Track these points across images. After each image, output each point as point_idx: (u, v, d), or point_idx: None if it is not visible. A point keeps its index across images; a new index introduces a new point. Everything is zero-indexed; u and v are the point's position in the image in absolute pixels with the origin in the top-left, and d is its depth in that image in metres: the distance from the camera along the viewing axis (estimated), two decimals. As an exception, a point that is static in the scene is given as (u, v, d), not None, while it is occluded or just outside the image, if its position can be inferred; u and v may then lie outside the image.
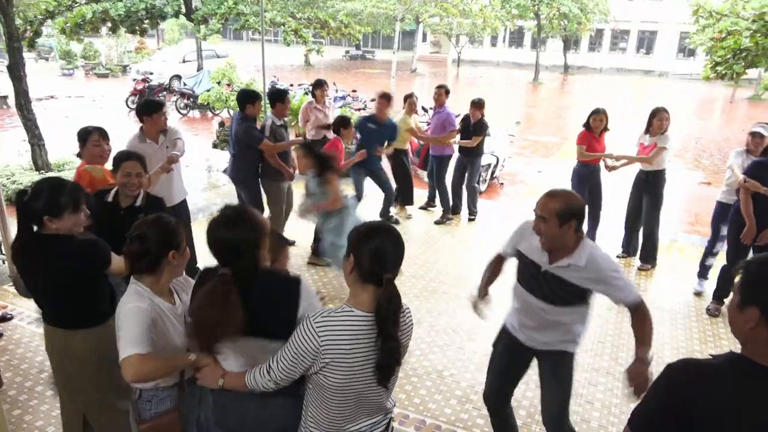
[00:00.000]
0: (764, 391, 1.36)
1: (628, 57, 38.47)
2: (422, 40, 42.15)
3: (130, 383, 2.00)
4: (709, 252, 5.37)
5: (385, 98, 6.42)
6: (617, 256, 6.03)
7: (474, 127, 6.83)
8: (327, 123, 6.78)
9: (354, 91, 15.02)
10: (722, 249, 5.34)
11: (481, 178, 8.60)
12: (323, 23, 17.36)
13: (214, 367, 2.02)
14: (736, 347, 1.46)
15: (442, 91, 6.98)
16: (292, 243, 5.74)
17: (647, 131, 5.64)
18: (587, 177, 6.02)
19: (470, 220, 7.16)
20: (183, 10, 13.53)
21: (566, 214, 2.36)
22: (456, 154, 7.23)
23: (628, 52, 38.73)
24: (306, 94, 13.35)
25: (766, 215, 4.41)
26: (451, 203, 7.21)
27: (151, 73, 18.14)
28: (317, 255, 5.55)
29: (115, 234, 2.42)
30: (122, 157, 3.20)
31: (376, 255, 1.81)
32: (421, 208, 7.49)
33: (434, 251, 6.18)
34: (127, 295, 2.08)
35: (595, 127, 5.86)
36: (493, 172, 9.07)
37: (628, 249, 6.06)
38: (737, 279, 1.46)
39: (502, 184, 9.43)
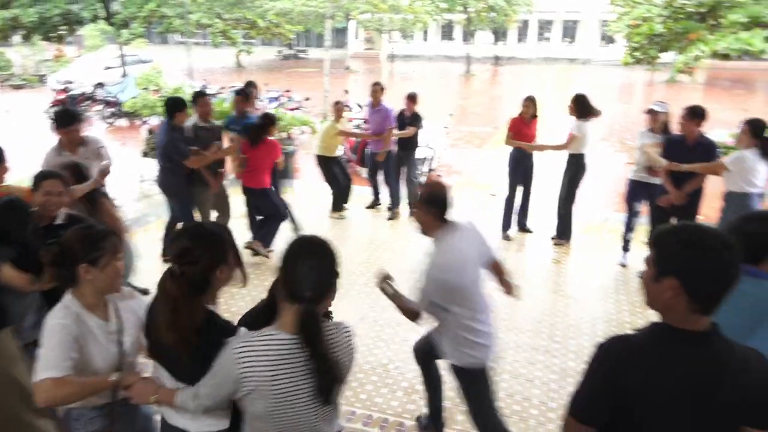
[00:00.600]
0: (687, 353, 1.43)
1: (553, 46, 39.95)
2: (355, 37, 42.19)
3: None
4: (628, 228, 5.69)
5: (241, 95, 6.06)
6: (552, 238, 6.31)
7: (409, 119, 6.96)
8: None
9: (287, 90, 14.84)
10: (640, 224, 5.69)
11: (418, 171, 8.73)
12: (252, 23, 17.15)
13: (146, 383, 1.94)
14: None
15: (377, 89, 6.96)
16: None
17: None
18: (520, 161, 6.24)
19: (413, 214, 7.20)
20: (101, 14, 12.96)
21: (428, 202, 2.65)
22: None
23: (554, 42, 40.23)
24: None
25: (680, 183, 4.89)
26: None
27: (72, 82, 17.25)
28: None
29: (32, 253, 2.31)
30: (42, 176, 3.02)
31: (298, 273, 1.71)
32: (368, 207, 7.44)
33: (376, 247, 6.22)
34: (56, 308, 1.99)
35: (524, 113, 6.08)
36: (430, 164, 9.21)
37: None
38: (647, 252, 1.53)
39: (439, 175, 9.57)
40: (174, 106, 5.13)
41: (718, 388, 1.42)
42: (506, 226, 6.42)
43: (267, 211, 5.70)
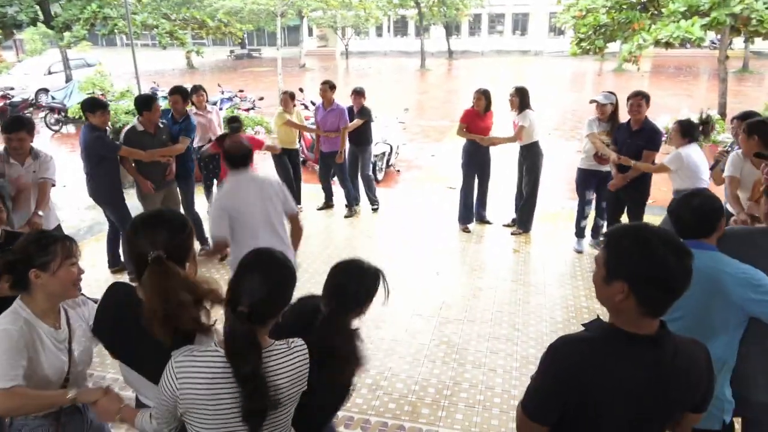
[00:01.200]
0: (638, 357, 1.46)
1: (505, 39, 40.59)
2: (308, 35, 41.80)
3: None
4: (581, 215, 5.83)
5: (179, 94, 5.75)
6: (504, 225, 6.49)
7: (358, 114, 6.87)
8: (211, 128, 6.53)
9: (241, 91, 14.59)
10: (591, 210, 5.85)
11: (377, 167, 8.72)
12: (201, 23, 16.70)
13: (110, 400, 1.85)
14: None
15: (326, 87, 6.73)
16: None
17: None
18: (474, 153, 6.28)
19: (374, 210, 7.18)
20: (41, 17, 12.40)
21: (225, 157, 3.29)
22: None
23: (506, 35, 40.88)
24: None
25: (625, 168, 5.06)
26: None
27: (12, 88, 16.51)
28: None
29: None
30: None
31: (239, 285, 1.63)
32: (319, 209, 7.25)
33: (336, 245, 6.19)
34: (3, 313, 1.91)
35: (476, 105, 6.13)
36: (388, 160, 9.22)
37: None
38: (598, 252, 1.56)
39: (398, 171, 9.60)
40: (88, 107, 4.83)
41: (669, 387, 1.47)
42: (464, 218, 6.46)
43: None
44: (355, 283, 2.03)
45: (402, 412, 3.50)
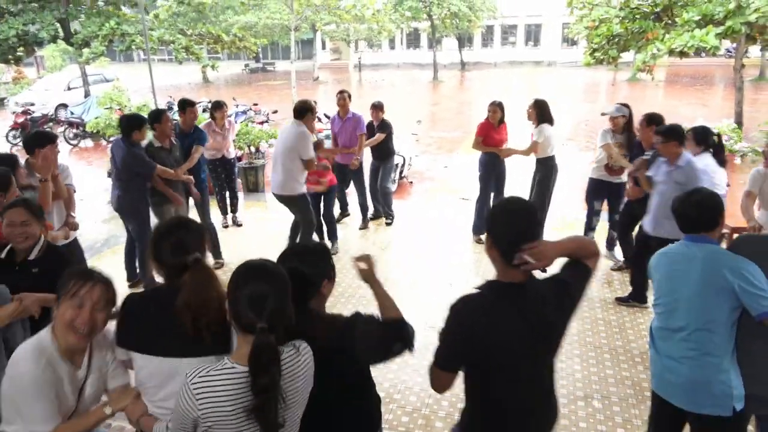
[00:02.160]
0: (515, 300, 1.80)
1: (518, 50, 40.60)
2: (322, 48, 42.27)
3: None
4: (588, 226, 5.76)
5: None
6: None
7: (378, 127, 6.90)
8: (225, 146, 6.65)
9: (255, 104, 14.76)
10: (599, 223, 5.78)
11: (390, 179, 8.75)
12: (216, 38, 17.02)
13: (136, 404, 1.96)
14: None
15: (345, 95, 6.74)
16: None
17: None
18: (492, 166, 6.29)
19: (387, 224, 7.17)
20: (61, 34, 12.70)
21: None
22: (369, 159, 7.24)
23: (518, 46, 40.90)
24: (204, 111, 12.96)
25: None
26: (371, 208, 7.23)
27: (33, 104, 16.83)
28: None
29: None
30: (5, 206, 2.75)
31: (249, 302, 1.62)
32: (336, 220, 7.31)
33: (349, 258, 6.18)
34: (28, 346, 1.87)
35: (491, 117, 6.14)
36: (401, 172, 9.23)
37: None
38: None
39: (411, 182, 9.61)
40: (131, 123, 4.91)
41: (545, 322, 1.83)
42: (478, 229, 6.44)
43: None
44: (308, 266, 1.95)
45: (415, 425, 3.47)
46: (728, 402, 2.20)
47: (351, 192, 7.39)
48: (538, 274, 1.90)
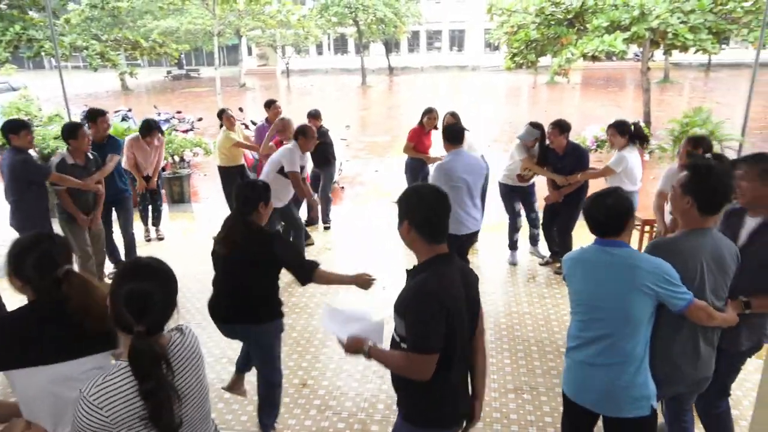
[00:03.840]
0: (454, 269, 2.04)
1: (443, 55, 41.61)
2: (248, 54, 41.50)
3: None
4: (513, 229, 5.99)
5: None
6: None
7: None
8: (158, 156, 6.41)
9: (179, 112, 14.26)
10: (524, 221, 6.02)
11: (331, 185, 8.70)
12: (134, 44, 16.26)
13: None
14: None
15: (277, 109, 6.76)
16: None
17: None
18: (419, 169, 6.43)
19: (326, 228, 7.17)
20: (-43, 40, 11.79)
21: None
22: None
23: (443, 51, 41.92)
24: (123, 120, 12.39)
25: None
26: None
27: (-72, 116, 15.46)
28: None
29: None
30: None
31: (129, 301, 1.57)
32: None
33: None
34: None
35: (427, 125, 6.29)
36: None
37: None
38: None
39: (342, 187, 9.60)
40: (5, 129, 4.55)
41: (472, 290, 2.10)
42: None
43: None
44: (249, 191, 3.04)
45: (351, 431, 3.46)
46: (647, 402, 2.26)
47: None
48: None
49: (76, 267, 4.77)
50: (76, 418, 1.55)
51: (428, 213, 2.00)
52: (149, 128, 6.14)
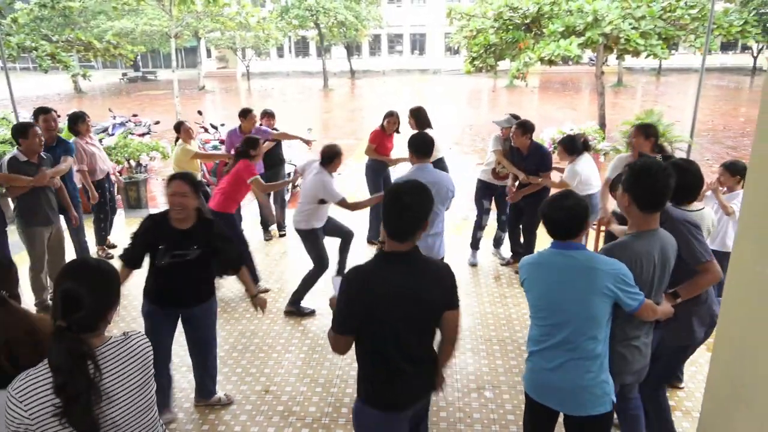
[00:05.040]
0: (399, 268, 2.10)
1: (405, 58, 41.88)
2: (207, 56, 40.81)
3: None
4: (478, 226, 6.05)
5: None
6: None
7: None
8: (102, 158, 6.17)
9: (135, 115, 13.89)
10: (490, 221, 6.11)
11: (286, 188, 8.61)
12: (87, 45, 15.72)
13: None
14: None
15: (254, 116, 6.57)
16: None
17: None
18: (379, 171, 6.44)
19: (281, 235, 7.07)
20: None
21: None
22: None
23: (405, 54, 42.18)
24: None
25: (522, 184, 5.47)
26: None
27: None
28: None
29: None
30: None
31: (60, 297, 1.63)
32: (266, 239, 6.98)
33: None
34: None
35: (388, 128, 6.31)
36: (293, 182, 9.10)
37: None
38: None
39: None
40: None
41: (422, 289, 2.10)
42: (373, 233, 6.53)
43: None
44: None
45: (315, 436, 3.43)
46: (609, 398, 2.33)
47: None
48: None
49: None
50: (5, 416, 1.57)
51: (386, 209, 2.12)
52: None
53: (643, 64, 32.58)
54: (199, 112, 12.33)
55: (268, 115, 6.95)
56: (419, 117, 6.17)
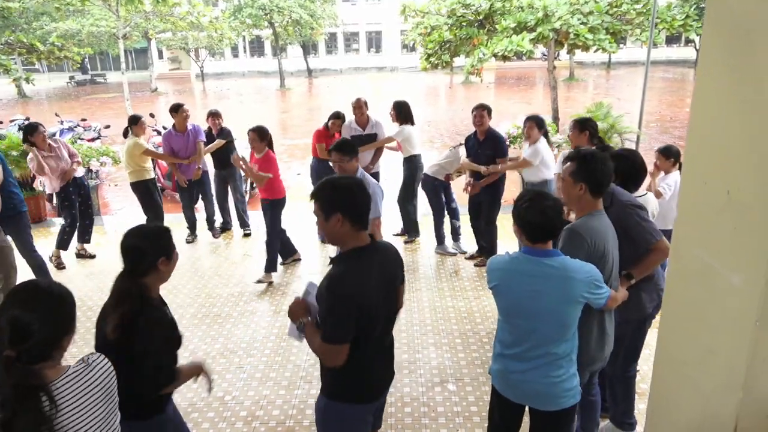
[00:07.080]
0: (370, 259, 2.15)
1: (361, 56, 41.82)
2: (159, 57, 39.81)
3: None
4: (440, 221, 6.14)
5: None
6: (394, 235, 6.73)
7: (217, 135, 6.86)
8: (65, 162, 5.92)
9: (84, 119, 13.43)
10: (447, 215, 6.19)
11: (244, 189, 8.49)
12: (29, 47, 15.12)
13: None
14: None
15: (186, 113, 6.49)
16: None
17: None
18: (325, 171, 6.40)
19: (246, 235, 7.01)
20: None
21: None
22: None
23: (361, 52, 42.12)
24: (21, 129, 11.48)
25: (479, 176, 5.54)
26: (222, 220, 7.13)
27: None
28: None
29: None
30: None
31: (7, 326, 1.51)
32: (189, 242, 6.86)
33: (201, 275, 5.88)
34: None
35: (332, 128, 6.30)
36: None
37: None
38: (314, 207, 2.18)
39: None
40: None
41: (396, 275, 2.28)
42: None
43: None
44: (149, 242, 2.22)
45: (280, 439, 3.40)
46: (577, 390, 2.38)
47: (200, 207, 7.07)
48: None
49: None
50: None
51: (355, 201, 2.12)
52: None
53: (594, 59, 33.52)
54: (152, 115, 11.99)
55: (213, 115, 6.90)
56: (401, 111, 6.22)
